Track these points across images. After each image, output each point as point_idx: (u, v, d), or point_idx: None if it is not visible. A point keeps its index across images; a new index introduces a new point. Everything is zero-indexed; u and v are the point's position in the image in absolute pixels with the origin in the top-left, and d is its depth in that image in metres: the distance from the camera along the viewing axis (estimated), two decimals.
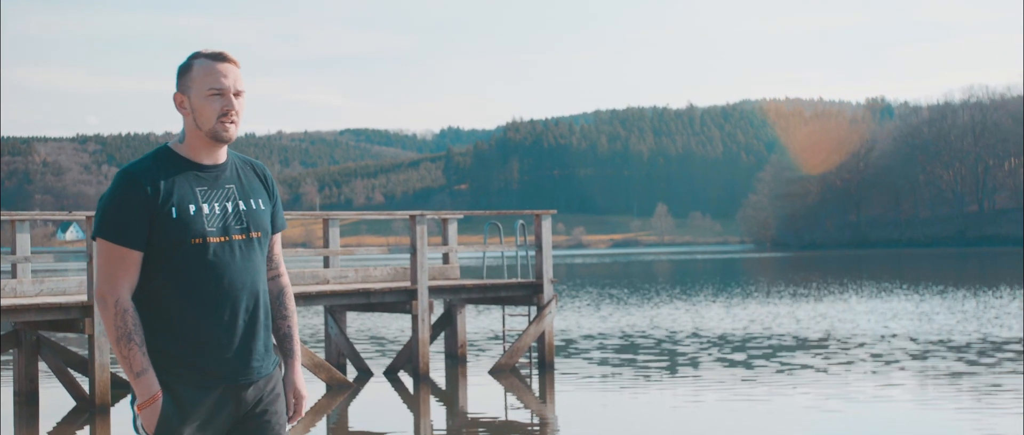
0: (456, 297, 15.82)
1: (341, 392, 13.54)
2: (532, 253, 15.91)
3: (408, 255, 14.63)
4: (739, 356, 16.73)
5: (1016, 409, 11.26)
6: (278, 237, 3.76)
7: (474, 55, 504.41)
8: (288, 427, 3.69)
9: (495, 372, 15.12)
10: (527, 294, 15.74)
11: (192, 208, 3.47)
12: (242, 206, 3.57)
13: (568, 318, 24.94)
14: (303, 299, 13.82)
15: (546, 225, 15.60)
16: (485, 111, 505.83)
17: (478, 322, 23.57)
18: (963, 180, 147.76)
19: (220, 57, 3.54)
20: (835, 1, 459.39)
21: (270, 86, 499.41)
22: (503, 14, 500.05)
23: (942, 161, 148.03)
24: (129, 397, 3.47)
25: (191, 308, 3.46)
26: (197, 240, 3.46)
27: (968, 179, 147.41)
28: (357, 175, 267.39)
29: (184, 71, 3.55)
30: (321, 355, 16.39)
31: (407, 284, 15.00)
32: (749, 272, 57.50)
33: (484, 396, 13.45)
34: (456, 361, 16.12)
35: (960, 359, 15.73)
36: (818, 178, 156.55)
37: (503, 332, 16.74)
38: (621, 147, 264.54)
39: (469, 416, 12.08)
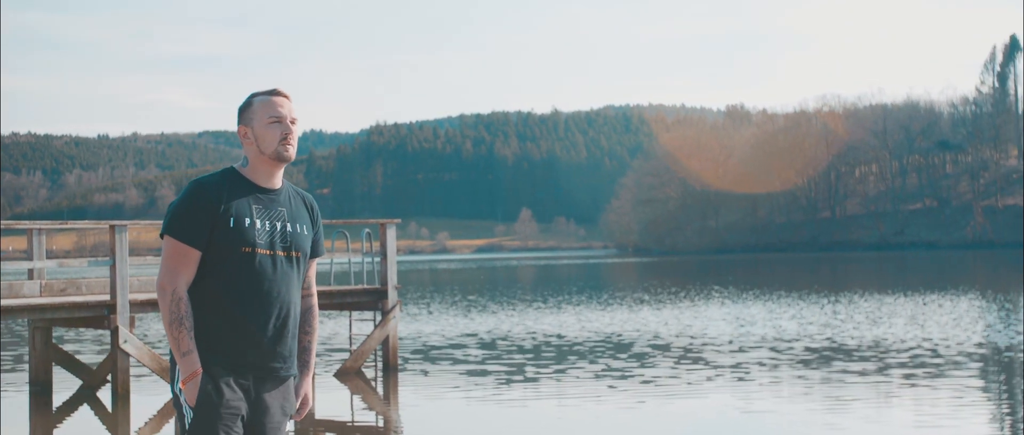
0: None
1: None
2: (378, 260, 16.14)
3: None
4: (594, 361, 16.96)
5: (864, 411, 11.67)
6: (314, 262, 4.32)
7: (336, 58, 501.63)
8: (289, 423, 4.15)
9: (340, 375, 15.33)
10: (373, 300, 15.95)
11: (247, 221, 4.04)
12: (289, 228, 4.14)
13: (418, 323, 25.18)
14: (138, 306, 13.83)
15: (391, 234, 15.85)
16: (348, 114, 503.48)
17: (326, 327, 23.70)
18: (816, 187, 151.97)
19: (275, 92, 4.15)
20: (697, 9, 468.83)
21: (122, 86, 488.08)
22: (366, 17, 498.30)
23: (796, 168, 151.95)
24: (171, 376, 4.05)
25: (234, 306, 4.02)
26: (247, 249, 4.03)
27: (821, 186, 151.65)
28: None
29: (245, 108, 4.16)
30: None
31: None
32: (610, 277, 58.38)
33: (330, 398, 13.64)
34: None
35: (812, 363, 16.05)
36: (679, 184, 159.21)
37: (350, 337, 16.94)
38: (486, 151, 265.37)
39: (316, 418, 12.25)
